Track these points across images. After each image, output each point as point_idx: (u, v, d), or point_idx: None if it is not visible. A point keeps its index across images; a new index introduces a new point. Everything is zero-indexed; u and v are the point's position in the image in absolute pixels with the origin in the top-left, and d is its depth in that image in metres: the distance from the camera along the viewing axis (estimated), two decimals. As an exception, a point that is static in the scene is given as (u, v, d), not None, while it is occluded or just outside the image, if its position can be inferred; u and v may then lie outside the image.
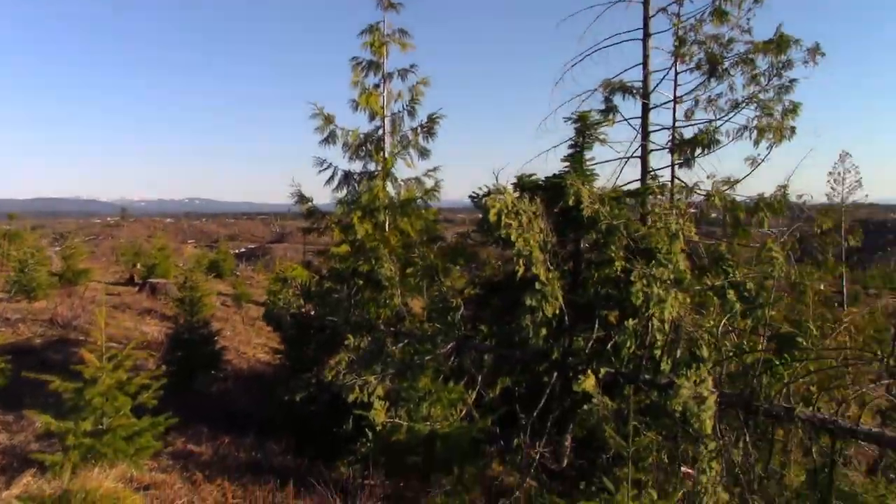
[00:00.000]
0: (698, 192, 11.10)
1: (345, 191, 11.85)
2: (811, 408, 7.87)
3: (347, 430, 8.18)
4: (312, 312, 11.13)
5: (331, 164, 12.02)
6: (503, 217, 7.20)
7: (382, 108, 11.93)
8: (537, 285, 7.33)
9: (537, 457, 7.57)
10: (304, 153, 12.01)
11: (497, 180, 7.59)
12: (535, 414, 7.69)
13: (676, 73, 12.08)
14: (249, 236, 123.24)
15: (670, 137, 11.93)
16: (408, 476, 7.75)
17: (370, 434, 7.54)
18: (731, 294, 8.83)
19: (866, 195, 43.68)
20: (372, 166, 11.79)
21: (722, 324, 8.48)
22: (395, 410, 7.44)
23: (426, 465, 7.39)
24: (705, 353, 7.99)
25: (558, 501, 6.14)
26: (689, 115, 11.99)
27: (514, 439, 7.79)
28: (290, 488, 7.91)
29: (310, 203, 11.91)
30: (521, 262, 7.22)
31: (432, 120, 11.94)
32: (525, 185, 8.77)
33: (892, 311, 44.99)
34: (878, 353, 8.69)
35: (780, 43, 10.98)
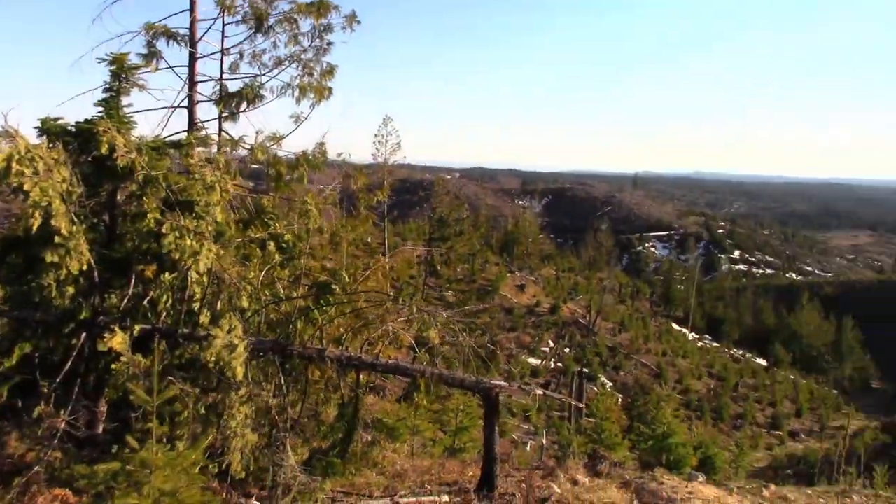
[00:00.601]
0: (244, 146, 11.28)
1: None
2: (341, 347, 8.73)
3: None
4: None
5: None
6: (14, 164, 6.38)
7: None
8: (58, 239, 6.70)
9: (62, 426, 7.00)
10: None
11: (6, 121, 6.66)
12: (58, 380, 7.07)
13: (224, 25, 11.95)
14: None
15: (217, 89, 11.85)
16: None
17: None
18: (271, 245, 9.24)
19: (405, 156, 49.21)
20: None
21: (263, 274, 8.84)
22: None
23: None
24: (245, 303, 8.24)
25: (83, 470, 5.77)
26: (234, 69, 12.05)
27: (34, 410, 7.06)
28: None
29: None
30: (37, 213, 6.50)
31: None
32: (51, 130, 7.87)
33: (421, 259, 52.35)
34: (390, 294, 10.01)
35: (320, 6, 11.66)
